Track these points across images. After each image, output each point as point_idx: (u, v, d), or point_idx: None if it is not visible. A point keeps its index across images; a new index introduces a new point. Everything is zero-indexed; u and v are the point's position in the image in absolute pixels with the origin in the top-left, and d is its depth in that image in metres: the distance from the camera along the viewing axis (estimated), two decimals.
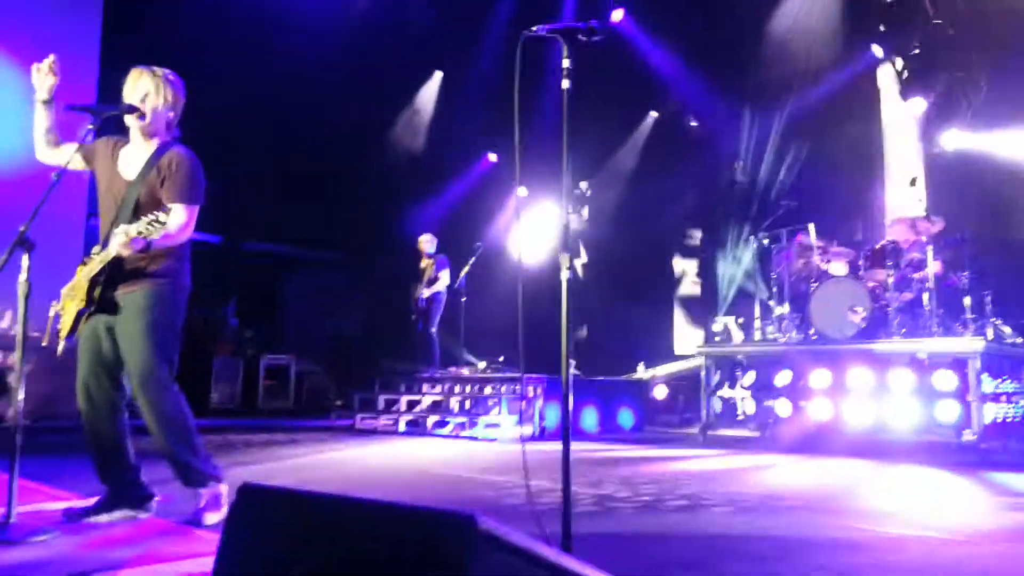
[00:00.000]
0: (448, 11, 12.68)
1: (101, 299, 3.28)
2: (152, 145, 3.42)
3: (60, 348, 3.37)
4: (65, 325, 3.35)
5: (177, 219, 3.28)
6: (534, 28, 2.85)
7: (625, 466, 5.93)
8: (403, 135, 14.36)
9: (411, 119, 14.45)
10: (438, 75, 14.29)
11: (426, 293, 9.66)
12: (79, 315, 3.29)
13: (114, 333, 3.32)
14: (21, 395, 3.12)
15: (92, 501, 3.35)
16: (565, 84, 2.81)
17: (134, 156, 3.43)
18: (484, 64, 13.23)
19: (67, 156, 3.40)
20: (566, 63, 2.81)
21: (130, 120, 3.38)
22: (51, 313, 3.43)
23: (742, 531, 3.37)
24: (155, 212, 3.13)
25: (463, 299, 9.83)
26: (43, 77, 3.39)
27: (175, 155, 3.38)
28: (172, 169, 3.34)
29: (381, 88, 13.44)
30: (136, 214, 3.31)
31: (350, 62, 12.19)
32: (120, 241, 3.09)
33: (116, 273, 3.29)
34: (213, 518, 3.28)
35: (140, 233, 3.08)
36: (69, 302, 3.34)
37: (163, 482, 3.46)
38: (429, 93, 14.46)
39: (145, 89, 3.36)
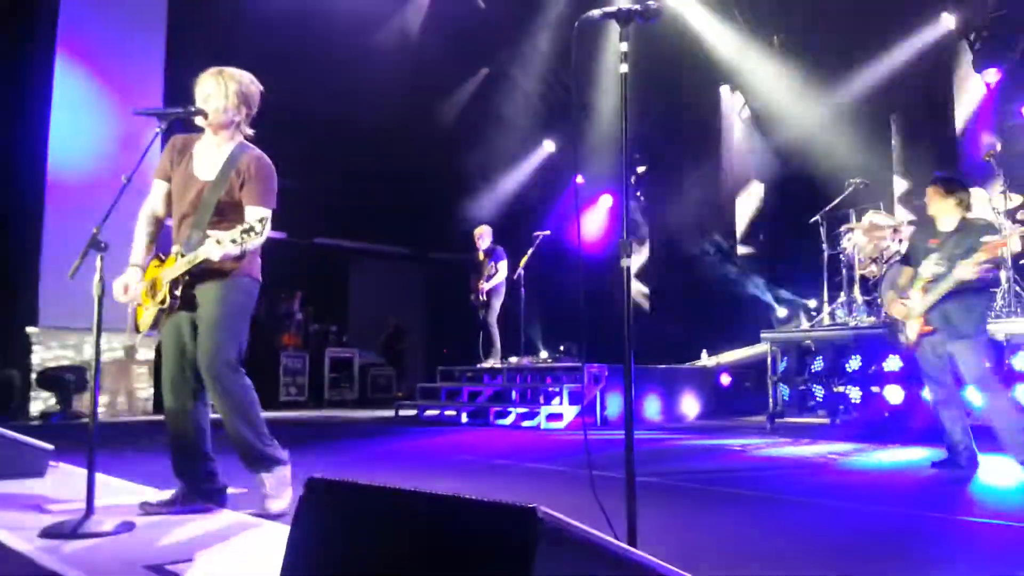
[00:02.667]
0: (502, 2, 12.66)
1: (183, 297, 3.37)
2: (228, 146, 3.46)
3: (137, 340, 3.48)
4: (145, 321, 3.44)
5: (258, 217, 3.32)
6: (590, 13, 2.80)
7: (689, 455, 5.85)
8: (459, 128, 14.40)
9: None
10: (483, 72, 14.25)
11: (486, 286, 9.67)
12: (160, 312, 3.38)
13: (195, 324, 3.41)
14: (97, 392, 3.21)
15: (168, 494, 3.44)
16: (623, 68, 2.75)
17: (209, 156, 3.47)
18: (540, 50, 13.17)
19: (160, 199, 3.54)
20: (624, 47, 2.74)
21: (200, 122, 3.45)
22: (129, 310, 3.52)
23: (812, 521, 3.29)
24: (243, 221, 3.21)
25: (522, 289, 9.82)
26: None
27: (253, 158, 3.44)
28: (251, 172, 3.40)
29: (441, 82, 13.51)
30: (216, 215, 3.40)
31: (409, 57, 12.31)
32: (214, 250, 3.15)
33: (198, 272, 3.37)
34: (278, 504, 3.35)
35: (234, 242, 3.14)
36: (148, 300, 3.43)
37: (236, 475, 3.54)
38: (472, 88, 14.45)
39: (208, 90, 3.41)
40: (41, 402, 9.45)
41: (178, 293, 3.35)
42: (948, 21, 10.67)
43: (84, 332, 9.29)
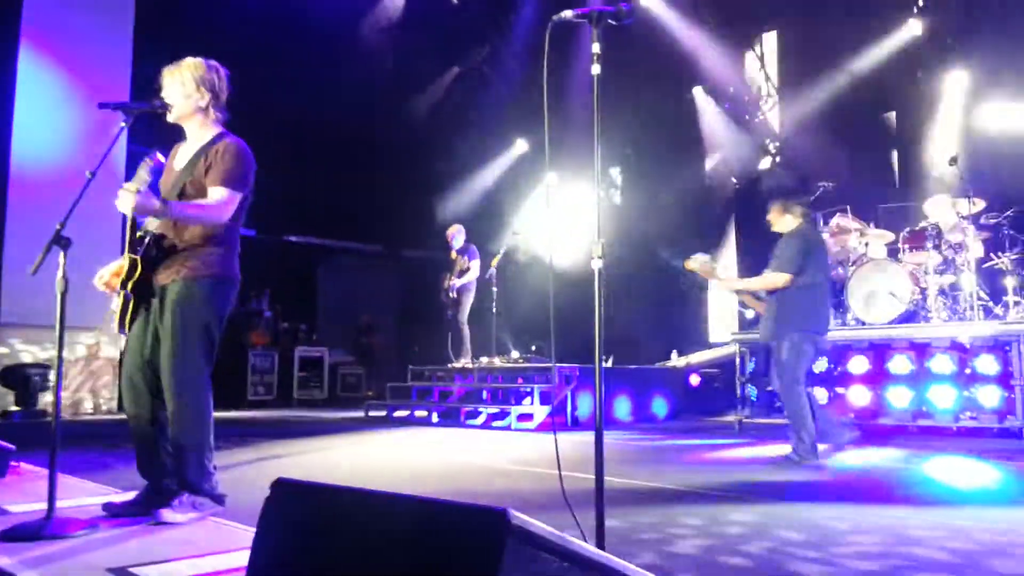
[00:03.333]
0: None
1: (141, 282, 3.27)
2: (203, 134, 3.44)
3: (105, 329, 3.39)
4: (117, 313, 3.34)
5: (215, 196, 3.27)
6: (563, 13, 2.80)
7: (659, 456, 5.89)
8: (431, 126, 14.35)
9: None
10: (455, 70, 14.21)
11: (457, 283, 9.66)
12: (125, 302, 3.30)
13: (159, 325, 3.32)
14: (60, 390, 3.14)
15: (131, 495, 3.38)
16: (596, 69, 2.76)
17: (187, 149, 3.47)
18: (514, 50, 13.17)
19: None
20: (596, 48, 2.75)
21: (169, 117, 3.42)
22: (112, 306, 3.41)
23: (778, 522, 3.32)
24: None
25: (494, 289, 9.81)
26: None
27: (223, 143, 3.39)
28: (218, 156, 3.34)
29: (414, 80, 13.46)
30: (180, 199, 3.33)
31: (382, 55, 12.24)
32: (122, 199, 3.05)
33: (156, 256, 3.30)
34: (172, 516, 3.12)
35: (139, 191, 3.06)
36: (118, 295, 3.35)
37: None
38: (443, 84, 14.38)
39: (169, 84, 3.41)
40: (2, 400, 9.26)
41: (136, 276, 3.26)
42: (915, 27, 10.85)
43: (47, 329, 9.11)
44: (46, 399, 9.21)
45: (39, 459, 4.58)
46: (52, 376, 9.02)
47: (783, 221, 5.43)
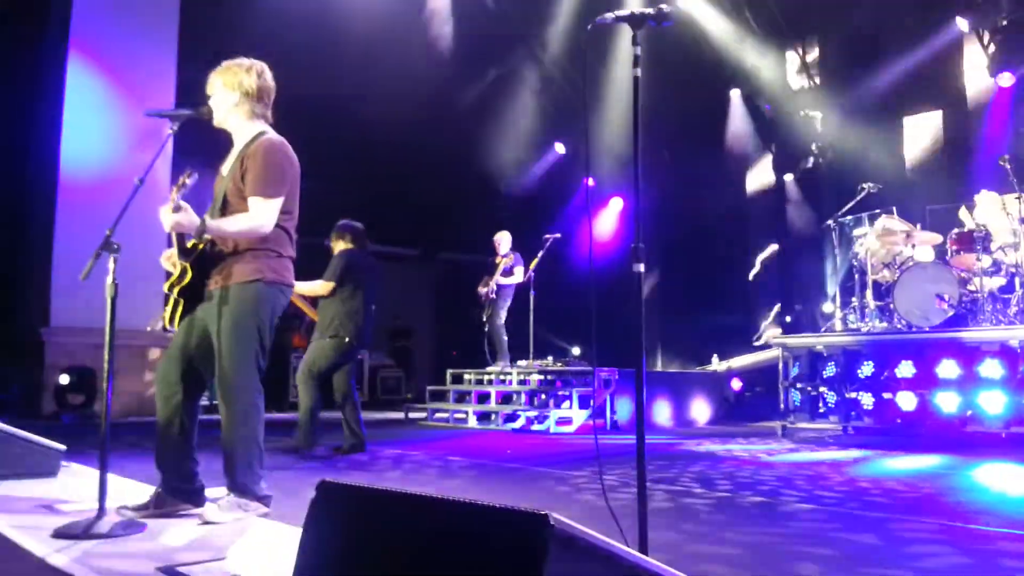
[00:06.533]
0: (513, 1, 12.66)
1: (191, 287, 3.33)
2: (245, 139, 3.44)
3: (157, 327, 3.43)
4: (166, 313, 3.41)
5: (252, 208, 3.28)
6: (604, 16, 2.80)
7: (700, 461, 5.82)
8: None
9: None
10: (493, 73, 14.20)
11: (495, 284, 9.67)
12: (175, 306, 3.36)
13: (207, 327, 3.36)
14: (110, 392, 3.21)
15: (144, 500, 3.35)
16: (636, 72, 2.74)
17: (232, 154, 3.49)
18: (552, 52, 13.17)
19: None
20: (636, 51, 2.74)
21: (215, 123, 3.48)
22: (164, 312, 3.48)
23: (828, 532, 3.26)
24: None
25: (532, 293, 9.80)
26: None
27: (258, 143, 3.37)
28: (255, 159, 3.33)
29: (452, 82, 13.51)
30: (224, 210, 3.38)
31: (420, 59, 12.32)
32: (163, 218, 3.18)
33: (206, 263, 3.34)
34: (215, 515, 3.18)
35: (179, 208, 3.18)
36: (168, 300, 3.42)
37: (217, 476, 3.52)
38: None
39: (211, 88, 3.46)
40: (53, 401, 9.49)
41: (185, 281, 3.32)
42: (961, 24, 10.61)
43: (96, 332, 9.32)
44: (96, 401, 9.41)
45: (89, 459, 4.69)
46: (101, 378, 9.22)
47: (338, 245, 6.51)
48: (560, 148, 14.81)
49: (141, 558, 2.64)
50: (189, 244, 3.38)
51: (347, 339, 5.94)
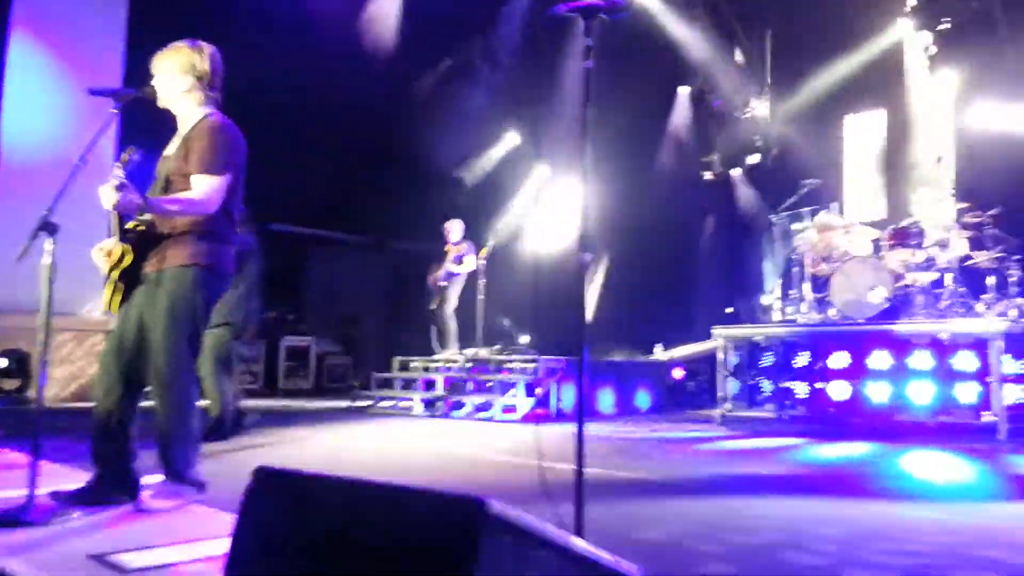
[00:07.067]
0: None
1: (131, 270, 3.26)
2: (191, 122, 3.39)
3: (111, 324, 3.35)
4: (105, 298, 3.34)
5: (197, 185, 3.22)
6: (556, 8, 2.83)
7: (641, 447, 5.94)
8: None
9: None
10: (447, 62, 14.14)
11: (443, 271, 9.67)
12: (114, 289, 3.29)
13: (143, 313, 3.29)
14: (44, 377, 3.14)
15: (80, 485, 3.28)
16: (587, 63, 2.79)
17: (177, 135, 3.43)
18: (507, 43, 13.17)
19: None
20: (587, 42, 2.78)
21: (159, 103, 3.41)
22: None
23: (756, 514, 3.38)
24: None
25: (482, 280, 9.83)
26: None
27: (204, 123, 3.33)
28: (198, 139, 3.28)
29: (407, 71, 13.42)
30: (167, 191, 3.32)
31: (375, 46, 12.22)
32: (103, 196, 3.07)
33: (145, 245, 3.27)
34: (154, 503, 3.16)
35: (121, 186, 3.07)
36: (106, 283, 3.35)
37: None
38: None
39: (157, 69, 3.40)
40: None
41: (122, 263, 3.25)
42: (904, 26, 10.89)
43: (33, 315, 9.05)
44: (30, 386, 9.17)
45: (22, 445, 4.59)
46: (35, 363, 8.98)
47: None
48: (514, 137, 14.81)
49: (72, 546, 2.61)
50: (129, 225, 3.32)
51: (238, 325, 5.94)
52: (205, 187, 3.24)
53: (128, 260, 3.28)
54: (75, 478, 3.54)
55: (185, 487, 3.26)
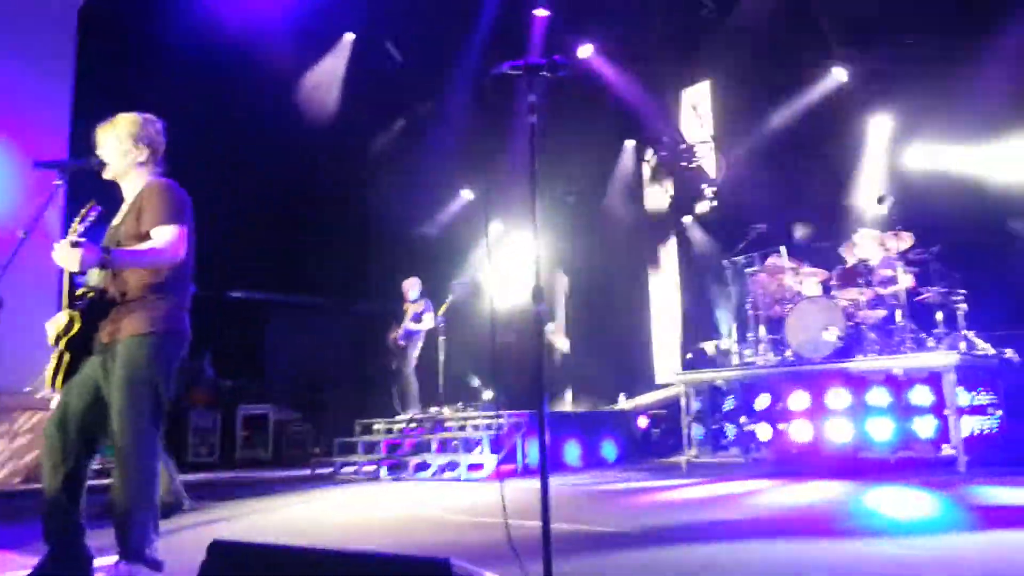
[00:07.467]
0: (416, 54, 12.85)
1: (79, 338, 3.16)
2: (139, 188, 3.37)
3: (53, 401, 3.23)
4: (49, 371, 3.22)
5: (159, 235, 3.18)
6: (500, 67, 2.90)
7: (608, 499, 5.89)
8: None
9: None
10: (400, 123, 14.37)
11: (402, 330, 9.62)
12: (60, 359, 3.19)
13: (98, 384, 3.19)
14: None
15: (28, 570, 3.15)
16: (531, 119, 2.85)
17: (124, 205, 3.39)
18: (457, 102, 13.39)
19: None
20: (531, 99, 2.85)
21: (106, 174, 3.38)
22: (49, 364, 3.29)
23: (728, 561, 3.35)
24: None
25: (441, 338, 9.78)
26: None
27: (152, 185, 3.32)
28: (148, 199, 3.26)
29: (360, 133, 13.54)
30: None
31: (327, 109, 12.35)
32: (63, 254, 2.97)
33: (96, 312, 3.18)
34: None
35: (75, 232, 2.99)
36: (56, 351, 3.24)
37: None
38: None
39: (104, 141, 3.37)
40: None
41: (73, 331, 3.15)
42: (839, 74, 11.34)
43: None
44: None
45: None
46: None
47: None
48: (467, 194, 14.95)
49: None
50: (78, 292, 3.25)
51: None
52: (168, 235, 3.20)
53: (76, 327, 3.19)
54: (21, 563, 3.38)
55: (139, 566, 3.13)
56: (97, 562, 3.27)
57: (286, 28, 11.19)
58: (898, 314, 7.38)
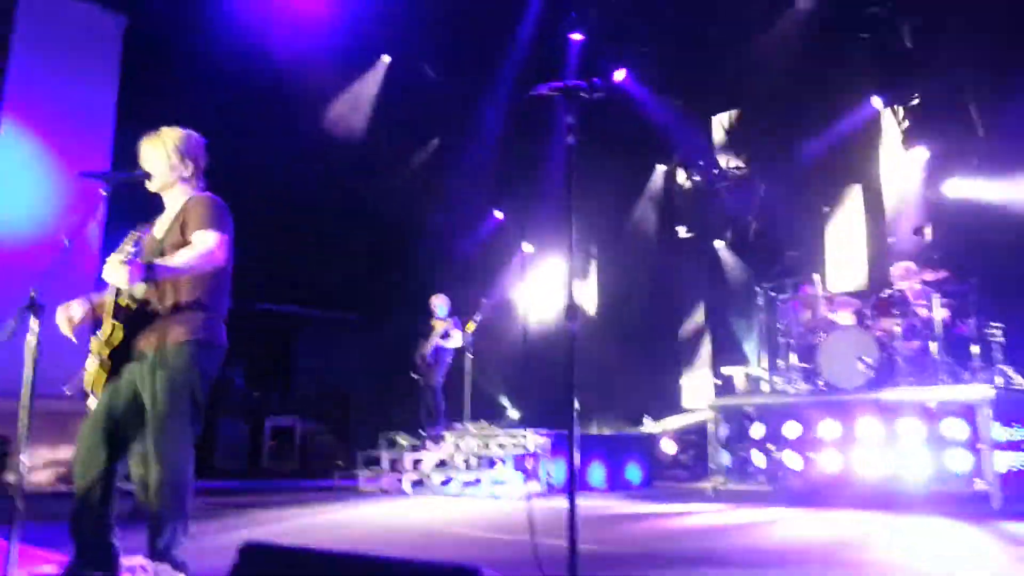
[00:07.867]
0: (452, 73, 12.98)
1: (121, 347, 3.24)
2: (182, 201, 3.45)
3: (89, 402, 3.31)
4: (89, 376, 3.30)
5: (201, 240, 3.23)
6: (538, 88, 2.93)
7: (633, 522, 5.85)
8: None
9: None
10: (435, 142, 14.49)
11: (430, 347, 9.65)
12: (101, 368, 3.25)
13: (136, 390, 3.26)
14: (25, 459, 3.10)
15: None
16: (570, 140, 2.88)
17: (165, 218, 3.47)
18: (491, 122, 13.49)
19: None
20: (569, 120, 2.88)
21: (149, 186, 3.46)
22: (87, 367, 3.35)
23: None
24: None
25: (469, 356, 9.80)
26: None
27: (193, 199, 3.41)
28: (192, 210, 3.34)
29: (391, 151, 13.68)
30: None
31: (363, 128, 12.53)
32: (113, 271, 3.04)
33: (136, 322, 3.25)
34: None
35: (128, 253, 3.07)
36: (93, 355, 3.32)
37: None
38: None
39: (148, 154, 3.45)
40: None
41: (114, 339, 3.23)
42: (876, 103, 11.25)
43: (10, 399, 8.90)
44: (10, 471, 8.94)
45: (1, 531, 4.46)
46: (17, 444, 8.76)
47: None
48: (499, 214, 15.02)
49: None
50: (121, 302, 3.32)
51: None
52: (210, 240, 3.25)
53: (119, 337, 3.27)
54: (55, 563, 3.45)
55: (167, 568, 3.18)
56: (124, 561, 3.33)
57: (325, 47, 11.37)
58: (933, 346, 7.27)
